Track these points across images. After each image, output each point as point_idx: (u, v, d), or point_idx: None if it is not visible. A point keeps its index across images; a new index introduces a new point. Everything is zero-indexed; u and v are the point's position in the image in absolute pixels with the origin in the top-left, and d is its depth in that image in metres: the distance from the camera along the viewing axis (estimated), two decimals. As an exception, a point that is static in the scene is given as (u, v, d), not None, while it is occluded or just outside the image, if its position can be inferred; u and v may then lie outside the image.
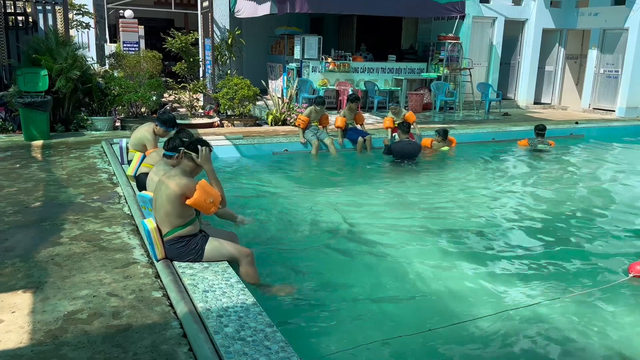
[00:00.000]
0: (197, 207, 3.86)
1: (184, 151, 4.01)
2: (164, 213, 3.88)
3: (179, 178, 3.88)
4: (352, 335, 3.62)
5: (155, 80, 10.68)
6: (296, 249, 5.09)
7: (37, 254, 4.12)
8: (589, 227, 6.04)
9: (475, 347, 3.60)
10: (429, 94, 13.88)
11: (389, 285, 4.43)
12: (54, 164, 7.08)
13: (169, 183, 3.86)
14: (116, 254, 4.18)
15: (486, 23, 14.62)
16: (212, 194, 3.88)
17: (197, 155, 3.96)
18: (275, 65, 14.60)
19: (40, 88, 8.69)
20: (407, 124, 8.70)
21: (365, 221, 5.91)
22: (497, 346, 3.63)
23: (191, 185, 3.84)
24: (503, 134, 10.93)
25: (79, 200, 5.54)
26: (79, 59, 9.53)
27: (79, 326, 3.13)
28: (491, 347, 3.62)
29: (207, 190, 3.86)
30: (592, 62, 14.79)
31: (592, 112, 14.74)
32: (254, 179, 7.64)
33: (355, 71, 13.25)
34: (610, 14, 14.09)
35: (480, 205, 6.73)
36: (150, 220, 3.97)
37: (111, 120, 9.87)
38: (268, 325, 3.07)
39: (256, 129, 10.36)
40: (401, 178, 7.98)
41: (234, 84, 10.94)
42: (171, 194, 3.82)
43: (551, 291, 4.33)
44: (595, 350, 3.61)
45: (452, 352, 3.55)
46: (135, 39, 15.22)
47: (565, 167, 9.14)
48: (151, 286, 3.66)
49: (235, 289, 3.52)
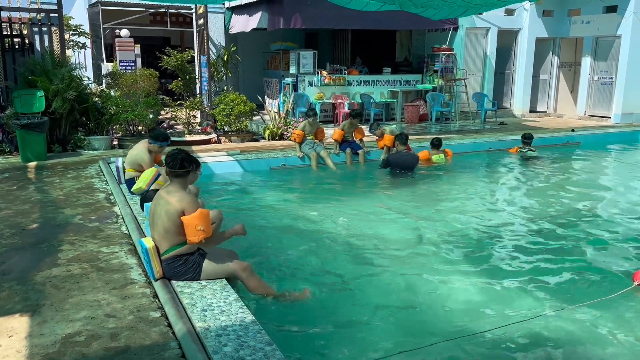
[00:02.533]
0: (186, 226, 3.80)
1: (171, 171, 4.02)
2: (162, 230, 3.86)
3: (180, 194, 3.87)
4: (353, 352, 3.59)
5: (152, 99, 10.71)
6: (296, 264, 5.07)
7: (34, 277, 4.10)
8: (590, 236, 6.01)
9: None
10: (425, 105, 13.93)
11: (389, 299, 4.41)
12: (51, 184, 7.08)
13: (169, 199, 3.85)
14: (114, 274, 4.16)
15: (479, 34, 14.73)
16: (206, 224, 3.81)
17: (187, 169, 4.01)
18: (272, 80, 14.67)
19: (37, 109, 8.72)
20: (405, 136, 8.71)
21: (366, 233, 5.89)
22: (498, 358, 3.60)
23: (194, 204, 3.84)
24: (499, 143, 10.96)
25: (77, 220, 5.52)
26: (75, 79, 9.56)
27: (76, 349, 3.10)
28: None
29: (204, 219, 3.81)
30: (586, 69, 14.89)
31: (587, 119, 14.80)
32: (252, 194, 7.64)
33: (351, 84, 13.32)
34: (602, 21, 14.21)
35: (481, 215, 6.72)
36: (148, 239, 3.95)
37: (108, 140, 9.89)
38: (267, 343, 3.04)
39: (253, 144, 10.38)
40: (399, 190, 7.98)
41: (230, 100, 10.98)
42: (171, 209, 3.81)
43: (556, 302, 4.30)
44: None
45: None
46: (132, 57, 15.31)
47: (564, 175, 9.15)
48: (149, 306, 3.64)
49: (234, 307, 3.50)
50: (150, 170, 5.75)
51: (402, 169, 8.53)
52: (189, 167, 4.02)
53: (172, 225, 3.82)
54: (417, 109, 13.70)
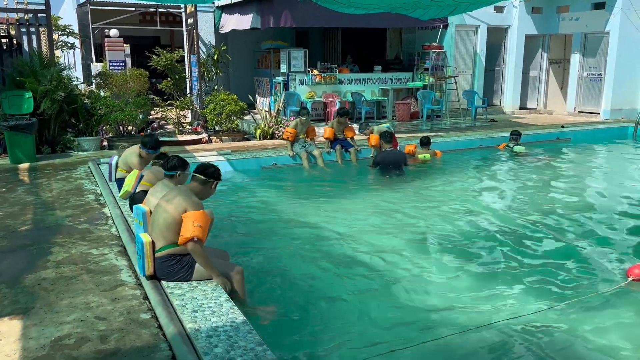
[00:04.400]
0: (184, 222, 3.75)
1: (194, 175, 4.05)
2: (160, 231, 3.86)
3: (180, 199, 3.84)
4: (345, 351, 3.60)
5: (141, 99, 10.65)
6: (287, 264, 5.06)
7: (23, 280, 4.07)
8: (583, 231, 6.04)
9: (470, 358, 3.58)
10: (416, 103, 13.96)
11: (381, 298, 4.41)
12: (40, 186, 7.03)
13: (167, 207, 3.83)
14: (104, 276, 4.14)
15: (469, 31, 14.77)
16: (204, 224, 3.77)
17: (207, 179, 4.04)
18: (262, 79, 14.64)
19: (25, 110, 8.65)
20: (388, 134, 8.60)
21: (356, 234, 5.88)
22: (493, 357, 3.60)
23: (198, 205, 3.84)
24: (490, 140, 11.01)
25: (66, 222, 5.49)
26: (64, 80, 9.50)
27: (66, 352, 3.09)
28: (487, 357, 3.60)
29: (205, 220, 3.77)
30: (576, 66, 14.98)
31: (577, 116, 14.89)
32: (243, 193, 7.62)
33: (341, 83, 13.32)
34: (591, 18, 14.30)
35: (471, 213, 6.73)
36: (146, 235, 3.95)
37: (98, 140, 9.83)
38: (258, 344, 3.04)
39: (244, 144, 10.36)
40: (390, 188, 7.99)
41: (221, 100, 10.95)
42: (168, 218, 3.80)
43: (550, 298, 4.31)
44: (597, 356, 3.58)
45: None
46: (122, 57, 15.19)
47: (554, 171, 9.20)
48: (139, 308, 3.62)
49: (224, 308, 3.49)
50: (133, 173, 5.76)
51: (389, 166, 8.50)
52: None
53: (173, 222, 3.79)
54: (408, 107, 13.73)
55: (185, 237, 3.72)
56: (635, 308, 4.26)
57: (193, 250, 3.75)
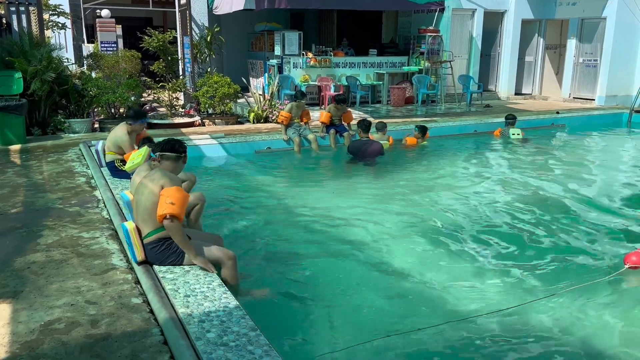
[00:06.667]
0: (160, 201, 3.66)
1: (164, 154, 3.97)
2: (146, 214, 3.79)
3: (159, 179, 3.79)
4: (340, 336, 3.58)
5: (133, 80, 10.49)
6: (280, 248, 5.04)
7: (12, 263, 4.00)
8: (579, 219, 6.01)
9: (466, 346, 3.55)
10: (411, 88, 13.87)
11: (376, 284, 4.38)
12: (30, 168, 6.92)
13: (150, 186, 3.77)
14: (95, 260, 4.08)
15: (466, 15, 14.63)
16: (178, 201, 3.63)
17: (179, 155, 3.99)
18: (256, 62, 14.47)
19: (15, 91, 8.50)
20: (367, 123, 8.25)
21: (349, 218, 5.85)
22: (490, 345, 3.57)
23: (174, 181, 3.79)
24: (485, 125, 10.96)
25: (57, 205, 5.41)
26: (54, 61, 9.33)
27: (56, 337, 3.04)
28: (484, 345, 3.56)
29: (178, 197, 3.65)
30: (572, 51, 14.91)
31: (572, 102, 14.86)
32: (237, 178, 7.56)
33: (336, 66, 13.19)
34: (588, 3, 14.19)
35: (467, 200, 6.70)
36: (130, 222, 3.89)
37: (89, 122, 9.70)
38: (252, 329, 3.01)
39: (238, 127, 10.26)
40: (384, 174, 7.94)
41: (214, 82, 10.80)
42: (154, 198, 3.73)
43: (547, 286, 4.29)
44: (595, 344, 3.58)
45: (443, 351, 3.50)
46: (113, 38, 14.98)
47: (549, 158, 9.18)
48: (131, 292, 3.57)
49: (217, 293, 3.45)
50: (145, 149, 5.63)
51: (358, 157, 8.17)
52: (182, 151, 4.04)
53: (152, 206, 3.73)
54: (403, 92, 13.63)
55: (160, 214, 3.63)
56: (632, 295, 4.26)
57: (168, 228, 3.67)
